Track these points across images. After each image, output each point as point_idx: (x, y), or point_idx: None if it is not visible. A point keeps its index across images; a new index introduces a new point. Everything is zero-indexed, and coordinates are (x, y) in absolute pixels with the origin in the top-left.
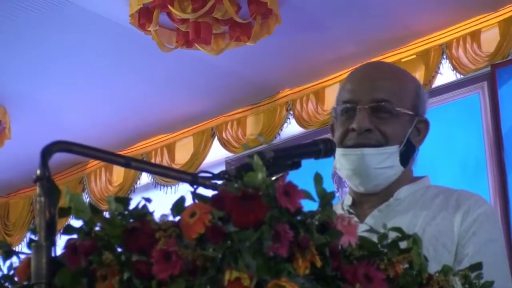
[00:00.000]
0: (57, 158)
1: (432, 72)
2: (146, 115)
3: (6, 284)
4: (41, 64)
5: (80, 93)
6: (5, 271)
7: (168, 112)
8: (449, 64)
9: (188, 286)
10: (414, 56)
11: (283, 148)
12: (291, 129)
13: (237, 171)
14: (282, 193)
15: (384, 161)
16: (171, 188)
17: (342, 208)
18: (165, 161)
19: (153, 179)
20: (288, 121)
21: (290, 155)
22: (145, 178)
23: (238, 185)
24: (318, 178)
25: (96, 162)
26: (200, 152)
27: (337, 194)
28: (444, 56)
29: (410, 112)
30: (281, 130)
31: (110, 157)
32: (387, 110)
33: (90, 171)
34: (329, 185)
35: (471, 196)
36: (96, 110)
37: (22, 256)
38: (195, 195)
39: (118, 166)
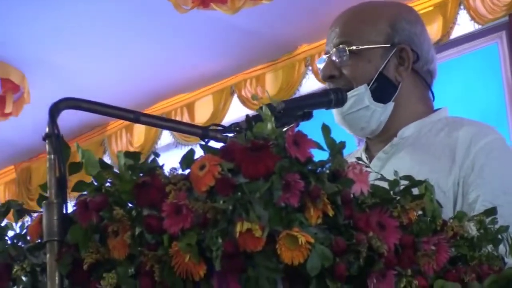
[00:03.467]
0: (77, 120)
1: (450, 23)
2: (165, 75)
3: (20, 243)
4: (59, 28)
5: (98, 56)
6: (18, 230)
7: (186, 71)
8: (467, 15)
9: (200, 239)
10: (432, 8)
11: (294, 99)
12: (310, 84)
13: (247, 122)
14: (292, 142)
15: (355, 104)
16: (193, 146)
17: (357, 160)
18: (185, 120)
19: (174, 139)
20: (307, 76)
21: (301, 106)
22: (166, 138)
23: (247, 136)
24: (326, 129)
25: (116, 123)
26: (220, 110)
27: None
28: (462, 7)
29: (381, 46)
30: (300, 85)
31: (119, 112)
32: (343, 52)
33: (110, 133)
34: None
35: (475, 127)
36: (114, 72)
37: (34, 215)
38: (204, 147)
39: (138, 127)
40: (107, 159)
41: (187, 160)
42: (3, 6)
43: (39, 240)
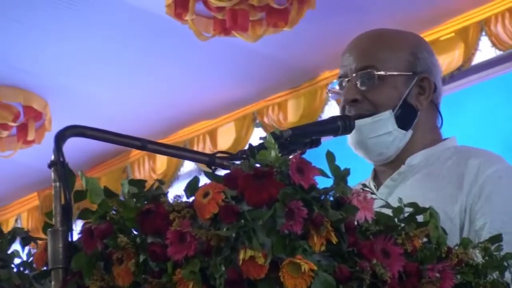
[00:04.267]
0: (100, 148)
1: (472, 49)
2: (187, 103)
3: (26, 271)
4: (81, 57)
5: (120, 85)
6: (25, 258)
7: (208, 99)
8: (488, 41)
9: (203, 266)
10: (453, 34)
11: (301, 126)
12: (333, 111)
13: (250, 149)
14: (295, 170)
15: (379, 128)
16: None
17: (362, 187)
18: (208, 148)
19: (196, 165)
20: (329, 103)
21: (308, 133)
22: (188, 165)
23: (251, 163)
24: (330, 156)
25: (139, 151)
26: (242, 137)
27: None
28: (483, 33)
29: (404, 73)
30: (323, 112)
31: (125, 140)
32: (371, 76)
33: (133, 160)
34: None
35: (483, 154)
36: (136, 100)
37: (40, 243)
38: (208, 174)
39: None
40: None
41: (192, 187)
42: (27, 35)
43: (44, 268)
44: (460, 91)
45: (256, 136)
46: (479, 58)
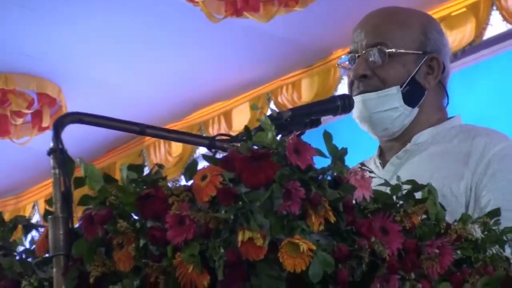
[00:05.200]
0: (114, 132)
1: (483, 24)
2: (201, 85)
3: (29, 259)
4: (94, 41)
5: (134, 68)
6: (27, 246)
7: (222, 80)
8: (499, 15)
9: (202, 249)
10: (464, 9)
11: (301, 106)
12: (346, 88)
13: (246, 131)
14: (292, 150)
15: (384, 104)
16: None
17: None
18: (223, 129)
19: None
20: (342, 81)
21: (308, 113)
22: (204, 147)
23: (247, 145)
24: (327, 136)
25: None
26: (256, 117)
27: None
28: (494, 7)
29: (414, 51)
30: (336, 90)
31: (123, 126)
32: (382, 53)
33: (149, 144)
34: None
35: (489, 133)
36: (150, 83)
37: (41, 230)
38: (205, 157)
39: None
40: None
41: (190, 171)
42: (38, 22)
43: (46, 255)
44: (472, 66)
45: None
46: (490, 32)
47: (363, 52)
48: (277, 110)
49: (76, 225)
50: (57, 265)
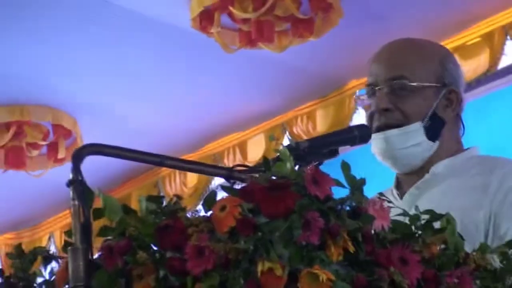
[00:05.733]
0: (129, 163)
1: (497, 54)
2: (216, 116)
3: None
4: (109, 73)
5: (148, 99)
6: (47, 277)
7: (237, 111)
8: None
9: (222, 279)
10: (479, 39)
11: (318, 137)
12: (361, 119)
13: (264, 162)
14: (311, 181)
15: (408, 140)
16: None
17: (379, 196)
18: (238, 160)
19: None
20: (357, 111)
21: (325, 144)
22: (219, 178)
23: (266, 176)
24: (345, 166)
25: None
26: (272, 148)
27: None
28: (508, 37)
29: (434, 84)
30: (351, 121)
31: (143, 157)
32: (403, 86)
33: (164, 175)
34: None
35: (507, 163)
36: (165, 114)
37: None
38: (224, 188)
39: None
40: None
41: (209, 201)
42: (52, 54)
43: (66, 286)
44: (487, 96)
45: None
46: (504, 62)
47: (384, 85)
48: (294, 141)
49: (96, 256)
50: None
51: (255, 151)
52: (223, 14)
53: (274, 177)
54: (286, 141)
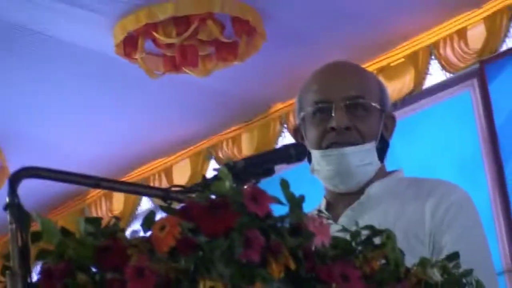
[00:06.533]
0: (57, 190)
1: (422, 73)
2: (142, 142)
3: None
4: (33, 100)
5: (74, 125)
6: None
7: (163, 136)
8: (438, 64)
9: None
10: (403, 59)
11: (254, 156)
12: (286, 142)
13: (203, 181)
14: (250, 198)
15: (364, 158)
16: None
17: (318, 213)
18: (164, 185)
19: (154, 204)
20: (283, 134)
21: (261, 163)
22: (145, 203)
23: (205, 195)
24: (284, 183)
25: (96, 192)
26: (198, 173)
27: None
28: (432, 57)
29: (379, 107)
30: (277, 144)
31: (79, 179)
32: (362, 106)
33: (90, 202)
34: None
35: (442, 184)
36: (91, 141)
37: None
38: (163, 208)
39: (118, 194)
40: None
41: (148, 221)
42: None
43: None
44: (412, 116)
45: (212, 172)
46: (429, 81)
47: (346, 103)
48: (230, 160)
49: (34, 280)
50: None
51: (181, 176)
52: (147, 39)
53: (213, 196)
54: (211, 166)
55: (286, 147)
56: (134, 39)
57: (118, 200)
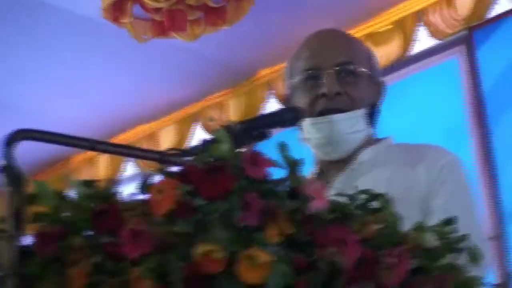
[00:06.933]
0: (39, 155)
1: (410, 40)
2: (127, 106)
3: None
4: (17, 68)
5: (61, 91)
6: None
7: (149, 101)
8: (426, 30)
9: (160, 263)
10: (391, 26)
11: (250, 119)
12: (273, 108)
13: (203, 144)
14: (249, 162)
15: (354, 125)
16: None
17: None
18: None
19: (138, 169)
20: (269, 100)
21: (257, 126)
22: (129, 169)
23: (204, 158)
24: (283, 147)
25: (79, 157)
26: (183, 138)
27: None
28: (420, 23)
29: (370, 73)
30: (263, 109)
31: (74, 142)
32: (352, 72)
33: (73, 167)
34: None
35: (433, 148)
36: (77, 106)
37: None
38: (161, 171)
39: (101, 160)
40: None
41: (145, 185)
42: None
43: None
44: (400, 81)
45: (197, 137)
46: (417, 48)
47: (335, 69)
48: (229, 122)
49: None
50: (9, 284)
51: (167, 141)
52: (135, 4)
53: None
54: (197, 132)
55: (282, 110)
56: (122, 3)
57: (102, 166)
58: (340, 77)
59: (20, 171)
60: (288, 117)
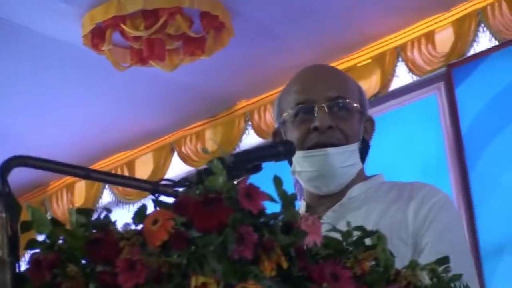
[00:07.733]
0: (17, 181)
1: (388, 75)
2: (105, 134)
3: None
4: (3, 91)
5: (39, 117)
6: None
7: (127, 129)
8: (405, 67)
9: None
10: (370, 60)
11: (243, 152)
12: (250, 140)
13: (198, 175)
14: (244, 195)
15: (347, 159)
16: (133, 205)
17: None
18: None
19: (115, 197)
20: (247, 132)
21: (250, 159)
22: (106, 197)
23: (199, 190)
24: (277, 181)
25: (57, 183)
26: (160, 167)
27: (300, 203)
28: (400, 59)
29: (360, 109)
30: (240, 141)
31: (69, 170)
32: (344, 107)
33: (51, 193)
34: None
35: (424, 186)
36: (56, 132)
37: None
38: (156, 202)
39: (79, 187)
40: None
41: (140, 215)
42: None
43: None
44: (378, 117)
45: (174, 167)
46: (396, 83)
47: (328, 103)
48: (224, 154)
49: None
50: None
51: (143, 170)
52: (115, 31)
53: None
54: (174, 162)
55: (275, 144)
56: (102, 31)
57: (80, 192)
58: (332, 111)
59: (15, 197)
60: (282, 150)
